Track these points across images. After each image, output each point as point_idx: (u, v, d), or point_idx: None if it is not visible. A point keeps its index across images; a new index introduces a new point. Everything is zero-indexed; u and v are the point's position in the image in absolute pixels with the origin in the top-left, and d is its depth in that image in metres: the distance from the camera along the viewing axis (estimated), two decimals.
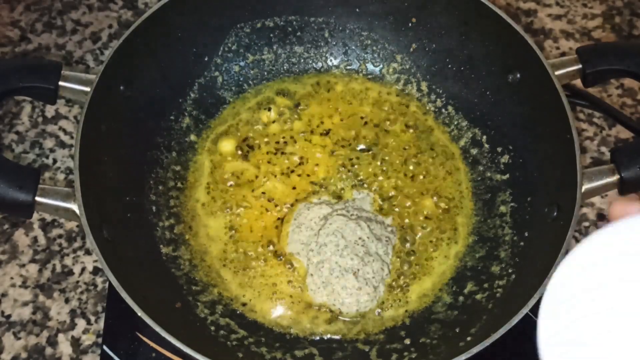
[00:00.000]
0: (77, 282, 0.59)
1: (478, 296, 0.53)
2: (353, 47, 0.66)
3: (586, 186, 0.49)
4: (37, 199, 0.47)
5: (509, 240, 0.56)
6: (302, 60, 0.67)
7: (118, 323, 0.56)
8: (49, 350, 0.56)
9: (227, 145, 0.62)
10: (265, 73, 0.66)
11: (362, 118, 0.64)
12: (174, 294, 0.53)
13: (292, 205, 0.59)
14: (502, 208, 0.58)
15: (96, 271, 0.60)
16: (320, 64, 0.67)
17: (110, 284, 0.58)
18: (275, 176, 0.60)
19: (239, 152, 0.61)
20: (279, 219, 0.58)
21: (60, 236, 0.61)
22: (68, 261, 0.60)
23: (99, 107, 0.52)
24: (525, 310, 0.45)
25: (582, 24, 0.76)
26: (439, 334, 0.52)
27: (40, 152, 0.66)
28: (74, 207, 0.48)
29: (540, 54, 0.54)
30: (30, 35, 0.74)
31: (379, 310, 0.54)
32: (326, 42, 0.66)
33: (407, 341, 0.52)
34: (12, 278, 0.59)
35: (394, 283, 0.56)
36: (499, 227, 0.57)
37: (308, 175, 0.60)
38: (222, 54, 0.64)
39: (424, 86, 0.65)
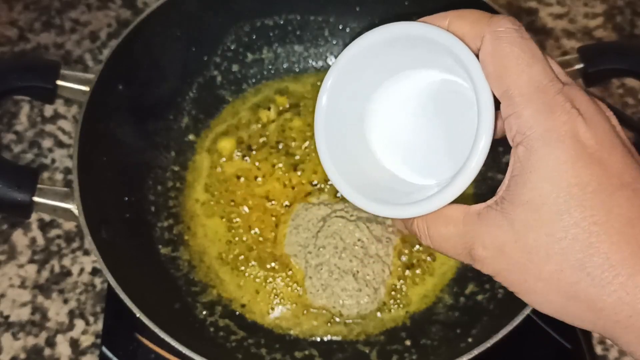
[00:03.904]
0: (76, 282, 0.59)
1: (479, 297, 0.53)
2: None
3: None
4: (36, 199, 0.47)
5: None
6: (302, 59, 0.66)
7: (117, 324, 0.56)
8: (47, 351, 0.56)
9: (227, 145, 0.61)
10: (265, 72, 0.66)
11: None
12: (173, 294, 0.53)
13: (291, 205, 0.58)
14: None
15: (95, 272, 0.60)
16: (320, 63, 0.67)
17: (109, 284, 0.57)
18: (275, 175, 0.60)
19: (239, 152, 0.61)
20: (277, 220, 0.58)
21: (58, 236, 0.61)
22: (67, 262, 0.60)
23: (98, 107, 0.52)
24: (526, 312, 0.45)
25: (584, 23, 0.75)
26: (439, 335, 0.52)
27: (38, 152, 0.66)
28: (72, 207, 0.47)
29: None
30: (28, 35, 0.73)
31: (380, 311, 0.54)
32: (326, 40, 0.66)
33: (408, 342, 0.52)
34: (10, 278, 0.59)
35: (394, 284, 0.55)
36: None
37: (308, 175, 0.60)
38: (222, 53, 0.64)
39: None
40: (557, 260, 0.26)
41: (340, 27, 0.65)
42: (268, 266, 0.56)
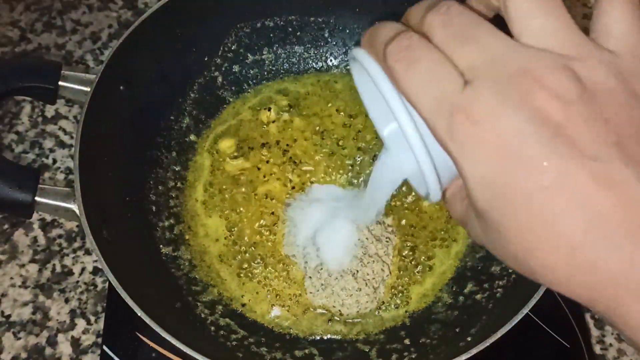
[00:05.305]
0: (77, 282, 0.59)
1: (478, 296, 0.53)
2: (353, 47, 0.66)
3: None
4: (37, 199, 0.47)
5: None
6: (302, 60, 0.67)
7: (118, 323, 0.56)
8: (48, 351, 0.56)
9: (227, 145, 0.62)
10: (265, 73, 0.66)
11: (362, 118, 0.64)
12: (173, 294, 0.53)
13: (290, 205, 0.59)
14: None
15: (96, 271, 0.60)
16: (320, 64, 0.67)
17: (110, 284, 0.58)
18: (275, 175, 0.60)
19: (239, 152, 0.61)
20: (277, 219, 0.58)
21: (60, 236, 0.61)
22: (68, 261, 0.60)
23: (99, 107, 0.52)
24: (525, 310, 0.45)
25: (583, 23, 0.76)
26: (439, 334, 0.52)
27: (40, 152, 0.66)
28: (73, 207, 0.48)
29: None
30: (30, 35, 0.74)
31: (379, 310, 0.54)
32: (326, 41, 0.66)
33: (407, 341, 0.52)
34: (12, 278, 0.59)
35: (394, 283, 0.55)
36: None
37: (308, 175, 0.60)
38: (222, 54, 0.64)
39: None
40: (509, 256, 0.28)
41: (340, 28, 0.66)
42: (268, 265, 0.56)
